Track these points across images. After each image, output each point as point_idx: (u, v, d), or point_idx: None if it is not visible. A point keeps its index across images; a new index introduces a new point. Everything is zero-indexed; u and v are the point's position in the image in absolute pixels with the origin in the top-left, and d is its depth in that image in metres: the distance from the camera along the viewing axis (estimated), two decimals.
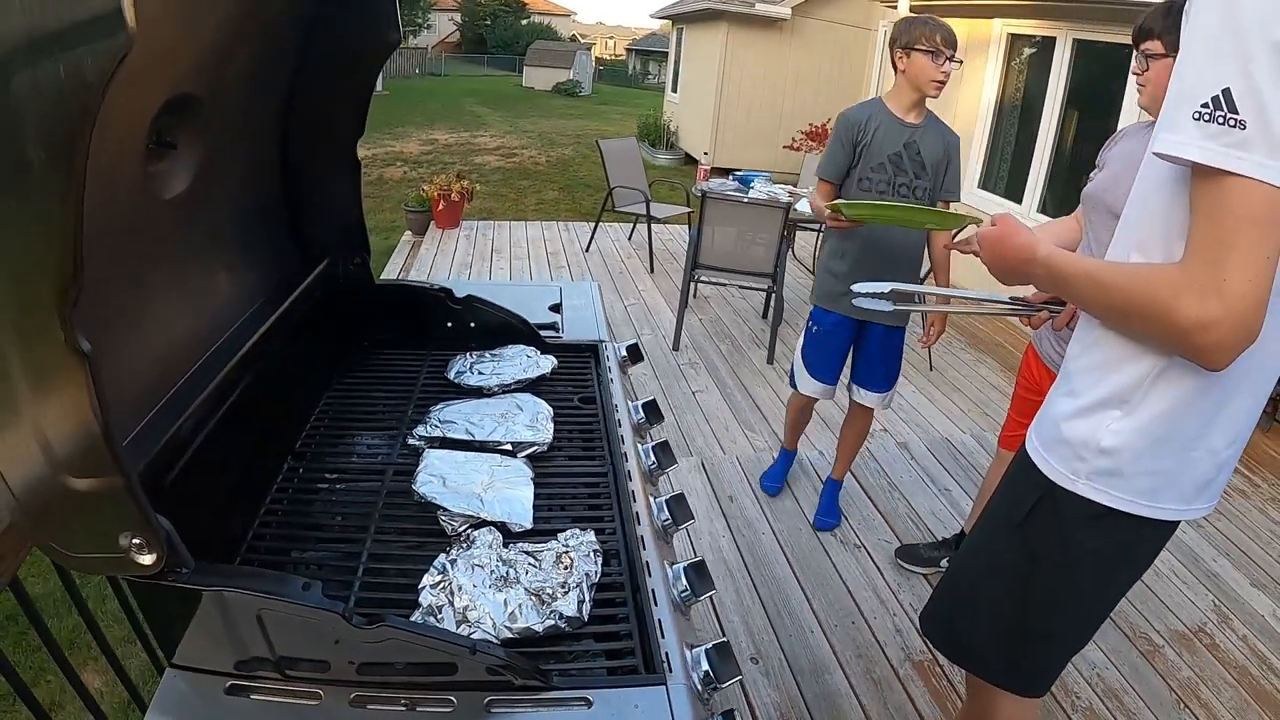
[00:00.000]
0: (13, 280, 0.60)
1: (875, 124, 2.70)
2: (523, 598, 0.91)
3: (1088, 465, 1.17)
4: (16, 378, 0.66)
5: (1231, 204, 0.87)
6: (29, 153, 0.56)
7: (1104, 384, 1.15)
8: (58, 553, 0.78)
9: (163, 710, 0.83)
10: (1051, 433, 1.23)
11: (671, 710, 0.82)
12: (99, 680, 1.95)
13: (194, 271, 1.16)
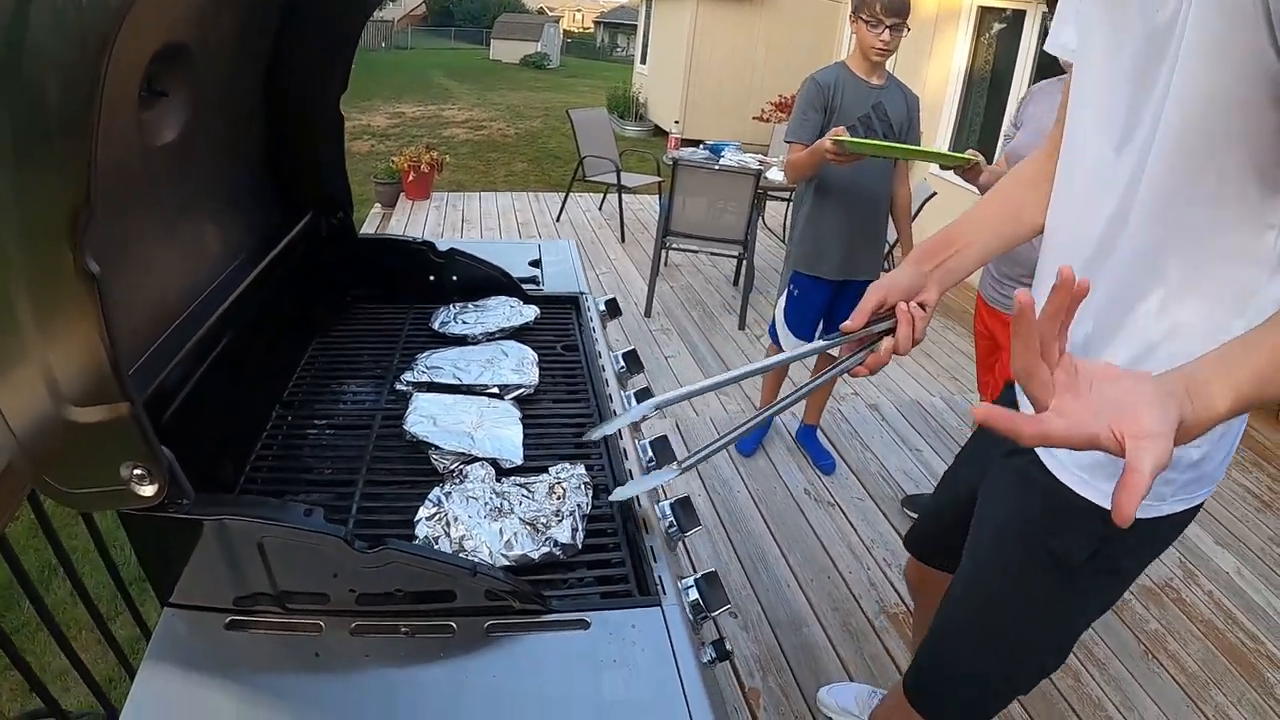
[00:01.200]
0: (21, 201, 0.61)
1: (843, 86, 2.78)
2: (517, 526, 0.93)
3: (1174, 486, 1.01)
4: (22, 309, 0.66)
5: None
6: (48, 82, 0.56)
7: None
8: (54, 490, 0.78)
9: (163, 649, 0.83)
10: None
11: (668, 629, 0.85)
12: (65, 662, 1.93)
13: (182, 221, 1.15)
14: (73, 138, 0.58)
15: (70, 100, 0.57)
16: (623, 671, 0.79)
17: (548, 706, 0.76)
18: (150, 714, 0.75)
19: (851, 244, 2.93)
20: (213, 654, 0.83)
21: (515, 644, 0.83)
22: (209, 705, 0.77)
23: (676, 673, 0.79)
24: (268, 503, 0.81)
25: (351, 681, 0.79)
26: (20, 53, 0.56)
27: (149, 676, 0.79)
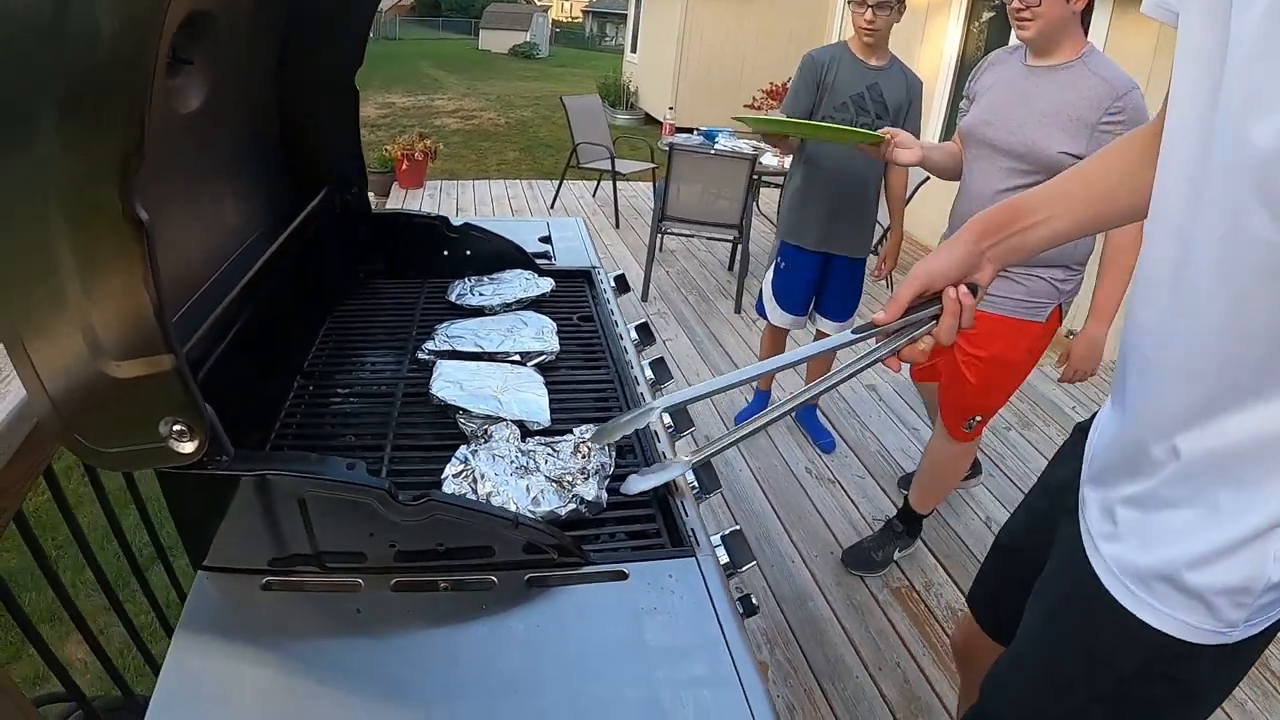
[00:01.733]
0: (72, 152, 0.60)
1: (838, 64, 2.79)
2: (544, 484, 0.94)
3: (1247, 610, 0.81)
4: (64, 261, 0.66)
5: None
6: (103, 23, 0.56)
7: (1271, 504, 0.76)
8: (86, 449, 0.77)
9: (197, 613, 0.83)
10: (1167, 577, 0.84)
11: (704, 578, 0.86)
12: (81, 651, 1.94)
13: (203, 191, 1.15)
14: (132, 79, 0.57)
15: (132, 43, 0.56)
16: (663, 618, 0.80)
17: (593, 655, 0.77)
18: (188, 678, 0.75)
19: (834, 216, 2.94)
20: (249, 617, 0.83)
21: (555, 596, 0.83)
22: (247, 669, 0.77)
23: (716, 619, 0.80)
24: (308, 458, 0.81)
25: (393, 638, 0.80)
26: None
27: (184, 641, 0.79)
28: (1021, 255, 1.02)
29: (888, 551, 2.74)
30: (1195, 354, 0.76)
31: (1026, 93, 2.03)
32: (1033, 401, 3.95)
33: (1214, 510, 0.79)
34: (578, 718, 0.71)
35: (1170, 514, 0.83)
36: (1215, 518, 0.79)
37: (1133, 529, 0.87)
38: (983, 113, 2.14)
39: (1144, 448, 0.84)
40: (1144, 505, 0.86)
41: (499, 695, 0.72)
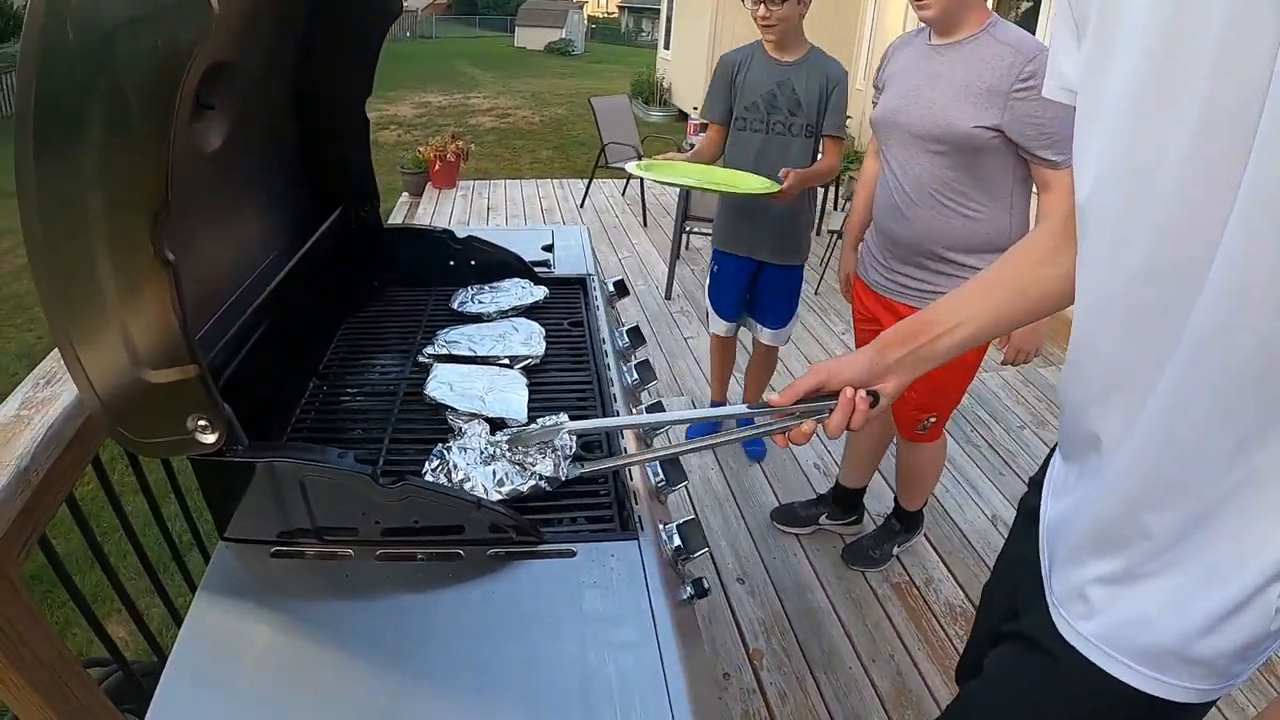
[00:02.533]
0: (113, 205, 0.77)
1: (749, 64, 2.74)
2: (507, 467, 1.09)
3: (1250, 661, 0.81)
4: (109, 290, 0.82)
5: None
6: (134, 107, 0.72)
7: (1261, 556, 0.74)
8: (128, 440, 0.94)
9: (218, 574, 1.00)
10: (1166, 649, 0.82)
11: (642, 560, 1.00)
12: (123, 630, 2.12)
13: (228, 218, 1.32)
14: (154, 150, 0.74)
15: (154, 121, 0.72)
16: (600, 591, 0.95)
17: (537, 617, 0.92)
18: (206, 629, 0.92)
19: (761, 222, 2.87)
20: (259, 579, 1.00)
21: (513, 568, 0.98)
22: (255, 622, 0.93)
23: (647, 595, 0.94)
24: (308, 448, 0.98)
25: (375, 598, 0.95)
26: (114, 81, 0.72)
27: (204, 599, 0.96)
28: (932, 364, 1.04)
29: (886, 549, 2.81)
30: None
31: (934, 72, 1.99)
32: (1049, 401, 3.98)
33: (1211, 574, 0.77)
34: (523, 664, 0.86)
35: (1154, 585, 0.81)
36: (1211, 582, 0.77)
37: (1114, 606, 0.85)
38: (892, 100, 2.09)
39: (1116, 525, 0.84)
40: (1123, 581, 0.84)
41: (460, 644, 0.88)
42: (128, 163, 0.75)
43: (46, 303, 0.85)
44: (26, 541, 1.06)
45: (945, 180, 2.03)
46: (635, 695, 0.82)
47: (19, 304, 6.61)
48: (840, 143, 2.76)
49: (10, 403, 1.13)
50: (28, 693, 1.00)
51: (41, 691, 1.01)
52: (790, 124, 2.73)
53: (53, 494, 1.13)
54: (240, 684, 0.84)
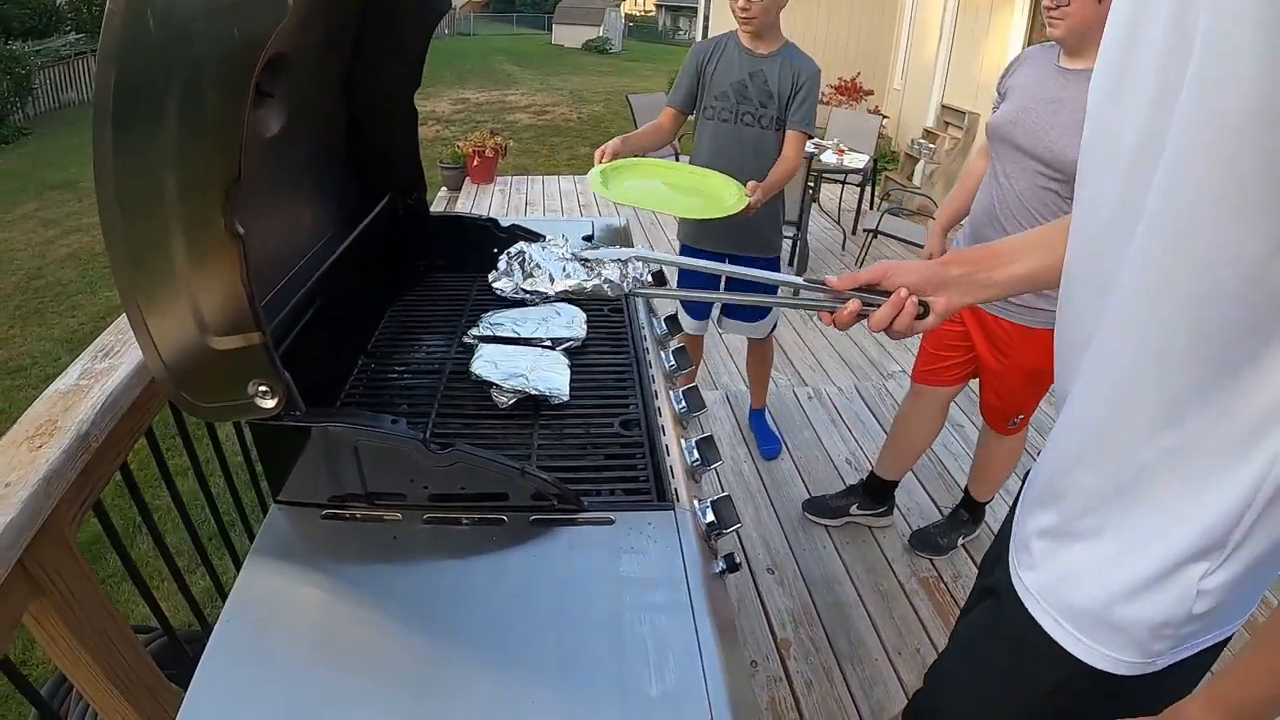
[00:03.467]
0: (187, 183, 0.82)
1: (720, 54, 2.70)
2: (576, 265, 1.18)
3: (1170, 640, 0.82)
4: (180, 262, 0.88)
5: None
6: (209, 92, 0.77)
7: (1183, 526, 0.76)
8: (189, 404, 0.99)
9: (270, 534, 1.05)
10: (1091, 611, 0.86)
11: (678, 529, 1.04)
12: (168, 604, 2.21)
13: (284, 202, 1.37)
14: (228, 131, 0.79)
15: (227, 104, 0.77)
16: (638, 557, 0.98)
17: (575, 579, 0.96)
18: (258, 584, 0.97)
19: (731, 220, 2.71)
20: (309, 539, 1.05)
21: (553, 534, 1.03)
22: (304, 579, 0.98)
23: (682, 562, 0.98)
24: (362, 414, 1.02)
25: (420, 560, 1.00)
26: (191, 69, 0.77)
27: (257, 557, 1.01)
28: (990, 292, 1.06)
29: (953, 538, 2.84)
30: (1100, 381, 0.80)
31: (1055, 97, 1.96)
32: None
33: (1135, 540, 0.80)
34: (559, 622, 0.90)
35: (1084, 546, 0.85)
36: (1135, 548, 0.80)
37: (1051, 560, 0.90)
38: (1009, 113, 2.07)
39: (1059, 479, 0.88)
40: (1059, 536, 0.88)
41: (500, 602, 0.93)
42: (202, 143, 0.80)
43: (118, 273, 0.90)
44: (83, 505, 1.13)
45: (1045, 202, 2.02)
46: (669, 653, 0.85)
47: (63, 291, 6.83)
48: (804, 139, 2.71)
49: (71, 373, 1.20)
50: (80, 653, 1.06)
51: (92, 651, 1.07)
52: (760, 116, 2.71)
53: (109, 460, 1.19)
54: (287, 640, 0.89)
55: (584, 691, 0.82)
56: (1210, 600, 0.78)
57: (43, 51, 16.93)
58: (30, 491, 0.92)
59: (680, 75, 2.82)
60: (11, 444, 1.01)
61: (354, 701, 0.81)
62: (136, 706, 1.14)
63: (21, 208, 9.54)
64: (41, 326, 6.14)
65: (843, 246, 6.17)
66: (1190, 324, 0.68)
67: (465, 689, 0.83)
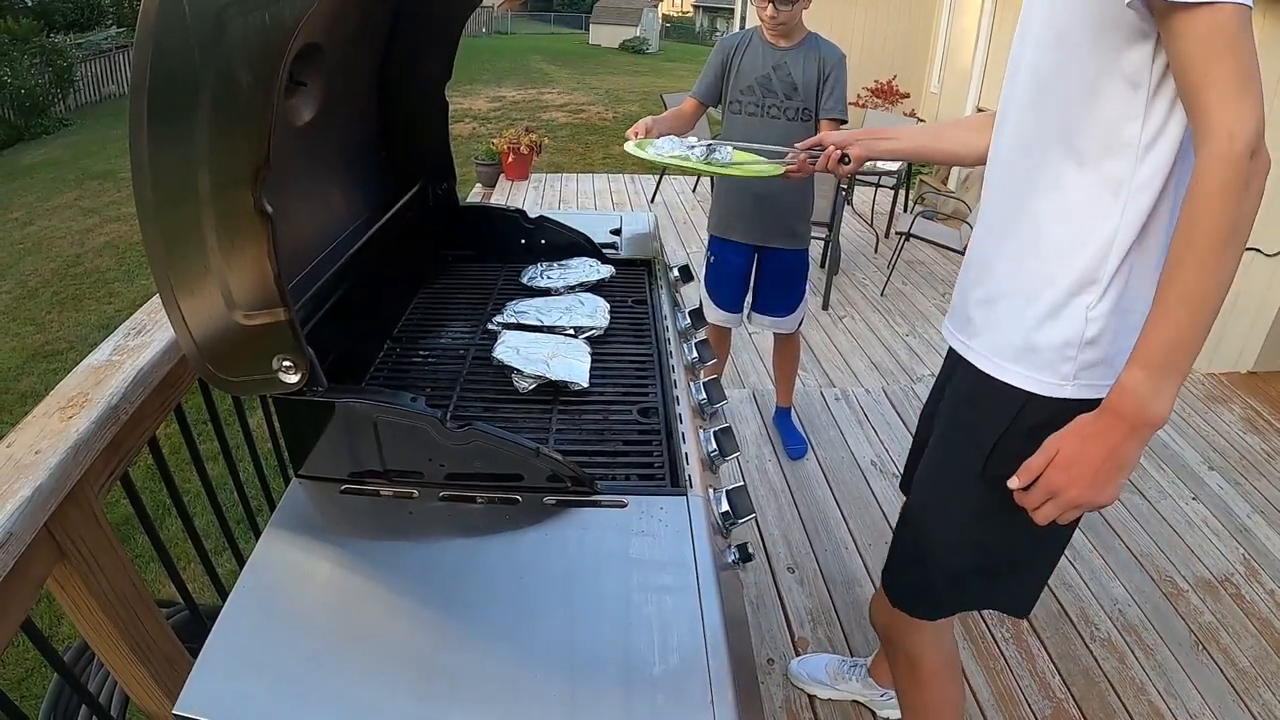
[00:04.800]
0: (218, 164, 0.85)
1: (744, 49, 2.75)
2: None
3: (1074, 364, 1.13)
4: (210, 240, 0.90)
5: (1229, 32, 0.89)
6: (240, 76, 0.80)
7: (1068, 268, 1.11)
8: (216, 378, 1.02)
9: (289, 508, 1.08)
10: (1017, 344, 1.18)
11: (689, 514, 1.05)
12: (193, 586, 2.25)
13: (315, 187, 1.41)
14: (258, 114, 0.81)
15: (258, 87, 0.80)
16: (648, 540, 1.00)
17: (585, 559, 0.97)
18: (276, 555, 1.00)
19: (760, 206, 2.85)
20: (327, 513, 1.08)
21: (566, 515, 1.04)
22: (321, 551, 1.01)
23: (692, 546, 0.99)
24: (383, 391, 1.05)
25: (434, 537, 1.03)
26: (224, 53, 0.80)
27: (275, 529, 1.04)
28: (879, 154, 1.68)
29: None
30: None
31: None
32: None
33: (1033, 292, 1.15)
34: (569, 598, 0.91)
35: (1007, 301, 1.19)
36: (1039, 292, 1.14)
37: (987, 320, 1.24)
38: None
39: (982, 261, 1.26)
40: (988, 302, 1.24)
41: (512, 577, 0.94)
42: (233, 124, 0.83)
43: (151, 250, 0.93)
44: (111, 475, 1.16)
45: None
46: (673, 634, 0.86)
47: (100, 279, 6.98)
48: (837, 126, 2.69)
49: (103, 349, 1.24)
50: (102, 620, 1.09)
51: (114, 620, 1.10)
52: (785, 108, 2.73)
53: (138, 433, 1.23)
54: (300, 610, 0.92)
55: (589, 667, 0.84)
56: (1097, 326, 1.10)
57: (84, 44, 17.34)
58: (59, 459, 0.96)
59: (706, 68, 2.86)
60: (43, 414, 1.05)
61: (364, 672, 0.83)
62: (154, 675, 1.18)
63: (62, 196, 9.78)
64: (79, 313, 6.29)
65: (875, 249, 6.13)
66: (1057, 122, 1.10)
67: (473, 663, 0.85)
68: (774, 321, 3.16)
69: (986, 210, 1.26)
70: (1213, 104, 0.91)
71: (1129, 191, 1.04)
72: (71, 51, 16.29)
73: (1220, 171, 0.90)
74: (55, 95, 15.62)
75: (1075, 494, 1.06)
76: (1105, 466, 1.03)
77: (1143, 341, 0.99)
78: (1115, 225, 1.06)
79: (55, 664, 1.09)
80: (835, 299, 5.06)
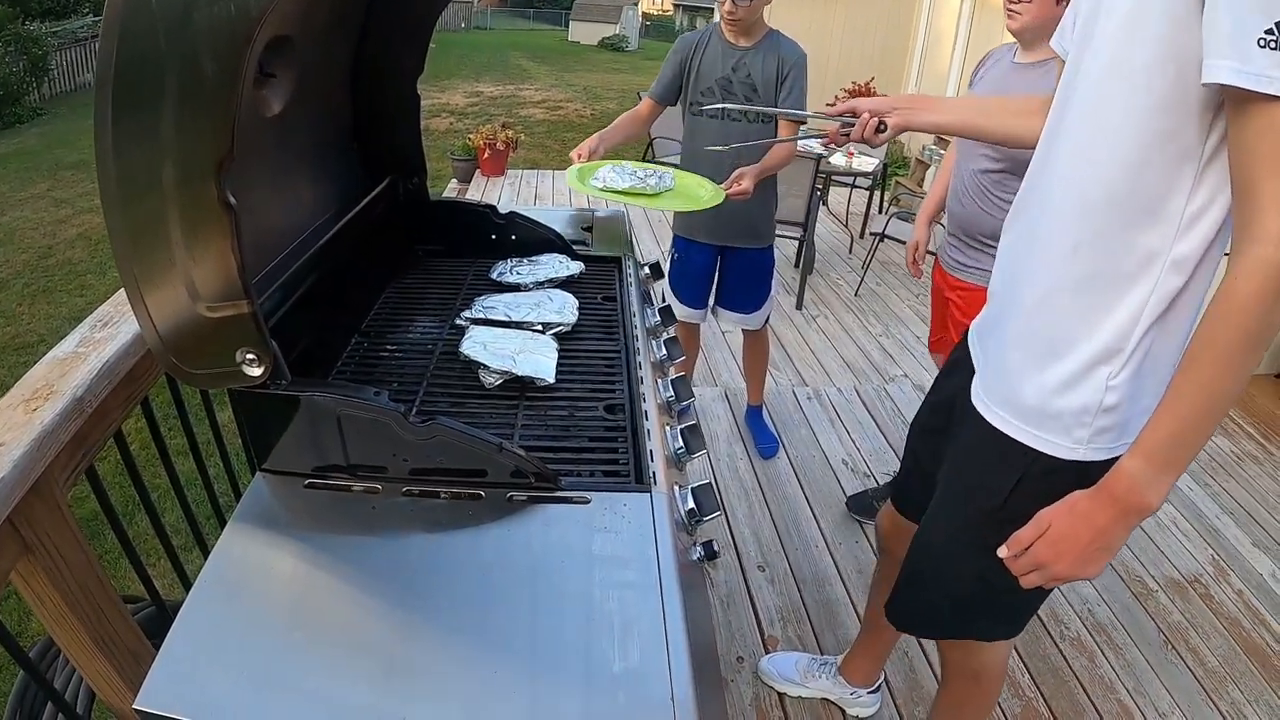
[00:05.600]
0: (183, 155, 0.84)
1: (704, 48, 2.72)
2: None
3: (1090, 429, 1.12)
4: (175, 232, 0.90)
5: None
6: (205, 65, 0.80)
7: (1093, 336, 1.08)
8: (181, 370, 1.01)
9: (252, 501, 1.07)
10: (1035, 409, 1.16)
11: (653, 510, 1.05)
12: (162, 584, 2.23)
13: (283, 179, 1.40)
14: (222, 104, 0.81)
15: (223, 77, 0.80)
16: (610, 535, 1.00)
17: (548, 555, 0.98)
18: (238, 549, 1.00)
19: (722, 211, 2.65)
20: (290, 507, 1.07)
21: (529, 511, 1.04)
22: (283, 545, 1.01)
23: (654, 541, 1.00)
24: (347, 385, 1.04)
25: (397, 532, 1.03)
26: (189, 42, 0.79)
27: (240, 519, 1.04)
28: (920, 125, 1.48)
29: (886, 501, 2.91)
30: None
31: (1006, 88, 2.11)
32: None
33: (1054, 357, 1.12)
34: (531, 594, 0.92)
35: (1024, 360, 1.16)
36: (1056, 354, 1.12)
37: (1002, 372, 1.21)
38: None
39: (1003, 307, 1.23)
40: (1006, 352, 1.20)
41: (473, 574, 0.95)
42: (198, 116, 0.83)
43: (116, 243, 0.93)
44: (76, 468, 1.15)
45: (983, 186, 2.20)
46: (635, 631, 0.87)
47: (72, 270, 6.88)
48: (796, 126, 2.68)
49: (69, 340, 1.22)
50: (66, 615, 1.08)
51: (79, 614, 1.09)
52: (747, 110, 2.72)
53: (103, 427, 1.21)
54: (261, 603, 0.92)
55: (549, 664, 0.84)
56: (1116, 395, 1.08)
57: (60, 33, 17.01)
58: (23, 451, 0.94)
59: (664, 66, 2.83)
60: (8, 406, 1.04)
61: (325, 665, 0.83)
62: (119, 670, 1.17)
63: (34, 187, 9.61)
64: (50, 305, 6.19)
65: (850, 250, 6.17)
66: (1102, 193, 1.03)
67: (434, 657, 0.85)
68: (740, 318, 3.16)
69: (1017, 256, 1.21)
70: (1267, 205, 0.86)
71: (1164, 265, 1.01)
72: (47, 40, 15.98)
73: (1259, 277, 0.86)
74: (30, 84, 15.32)
75: (1061, 569, 1.08)
76: (1092, 546, 1.04)
77: (1150, 431, 0.97)
78: (1145, 297, 1.03)
79: (19, 658, 1.07)
80: (809, 298, 5.08)
